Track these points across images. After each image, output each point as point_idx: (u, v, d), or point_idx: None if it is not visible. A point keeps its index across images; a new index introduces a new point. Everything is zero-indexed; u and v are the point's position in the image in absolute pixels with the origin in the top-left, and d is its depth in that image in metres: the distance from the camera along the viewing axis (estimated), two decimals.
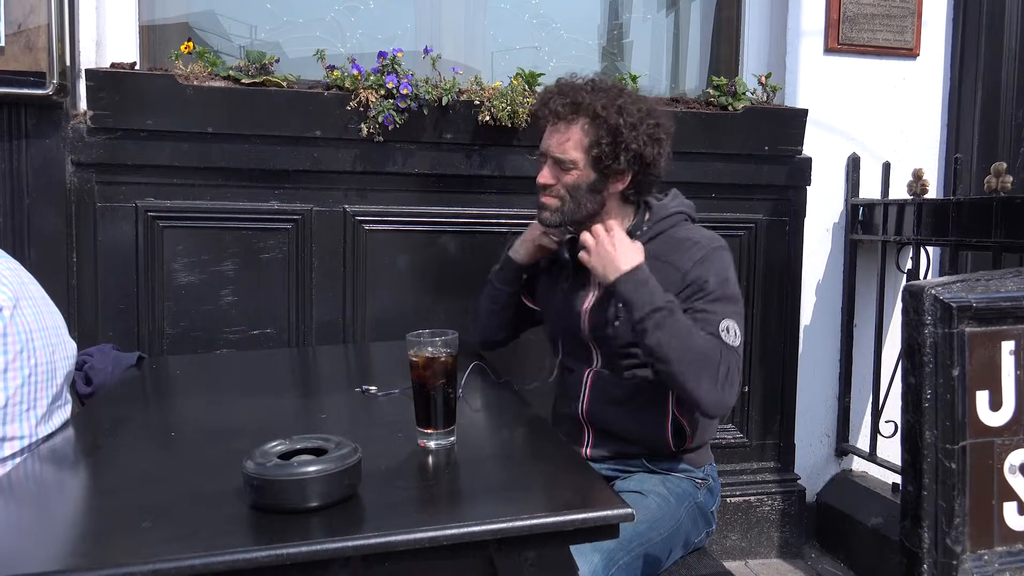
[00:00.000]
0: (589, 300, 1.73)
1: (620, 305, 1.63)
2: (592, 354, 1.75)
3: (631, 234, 1.68)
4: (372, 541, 0.92)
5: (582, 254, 1.64)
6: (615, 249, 1.59)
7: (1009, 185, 2.18)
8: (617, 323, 1.66)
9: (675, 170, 2.51)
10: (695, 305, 1.59)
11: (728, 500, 2.65)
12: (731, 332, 1.56)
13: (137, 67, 2.26)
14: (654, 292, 1.55)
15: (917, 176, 2.49)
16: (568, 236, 1.79)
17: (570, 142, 1.64)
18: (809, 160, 2.64)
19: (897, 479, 2.57)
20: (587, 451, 1.76)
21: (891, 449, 2.62)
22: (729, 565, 1.80)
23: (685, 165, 2.52)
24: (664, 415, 1.69)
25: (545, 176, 1.67)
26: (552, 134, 1.67)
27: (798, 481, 2.74)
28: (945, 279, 1.10)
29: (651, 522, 1.57)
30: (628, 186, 1.68)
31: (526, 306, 1.95)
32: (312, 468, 0.99)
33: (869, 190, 2.72)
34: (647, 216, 1.73)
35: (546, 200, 1.69)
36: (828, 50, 2.68)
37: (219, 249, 2.27)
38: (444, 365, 1.26)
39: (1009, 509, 1.07)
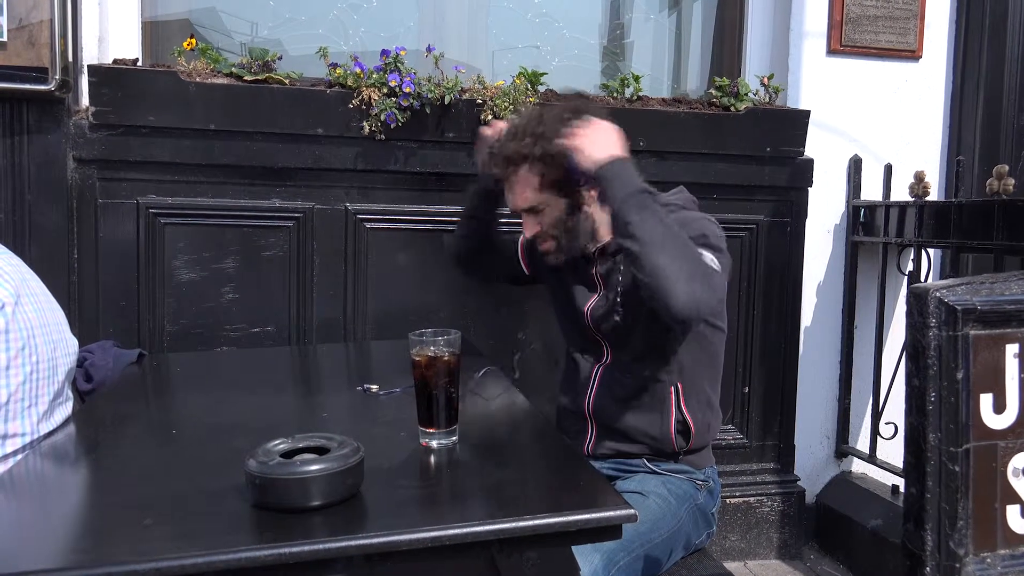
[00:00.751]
0: (592, 299, 1.75)
1: (620, 290, 1.67)
2: (603, 349, 1.76)
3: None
4: (374, 540, 0.92)
5: (570, 140, 1.58)
6: (610, 135, 1.59)
7: (1011, 187, 2.18)
8: (617, 317, 1.67)
9: (677, 170, 2.53)
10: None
11: (728, 501, 2.65)
12: (707, 258, 1.51)
13: (139, 63, 2.26)
14: (640, 179, 1.53)
15: (919, 178, 2.49)
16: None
17: (526, 191, 1.66)
18: (811, 161, 2.64)
19: (897, 481, 2.57)
20: (589, 447, 1.76)
21: (891, 451, 2.62)
22: (729, 566, 1.80)
23: (687, 166, 2.52)
24: (669, 414, 1.69)
25: (529, 228, 1.70)
26: (509, 192, 1.70)
27: (798, 482, 2.74)
28: (949, 281, 1.10)
29: (652, 523, 1.57)
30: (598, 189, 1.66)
31: (508, 253, 1.99)
32: (314, 467, 0.99)
33: (871, 192, 2.72)
34: None
35: (545, 246, 1.72)
36: (831, 51, 2.68)
37: (220, 246, 2.26)
38: (446, 364, 1.26)
39: (1012, 512, 1.07)
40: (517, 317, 2.48)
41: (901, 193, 2.63)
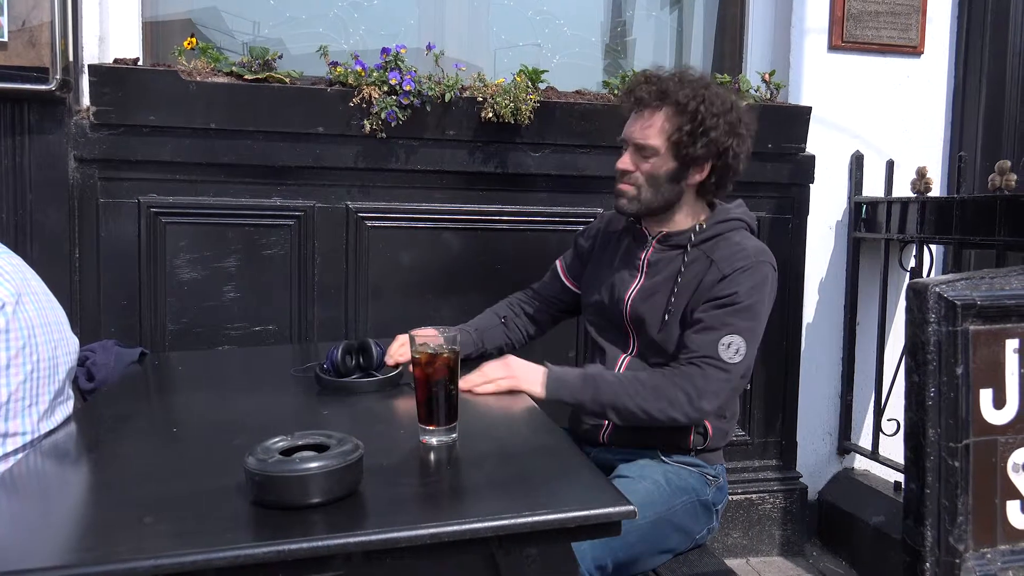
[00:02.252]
0: (634, 286, 1.74)
1: (672, 299, 1.67)
2: (630, 340, 1.75)
3: (691, 234, 1.71)
4: (374, 538, 0.92)
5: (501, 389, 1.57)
6: (521, 368, 1.60)
7: (1013, 183, 2.17)
8: (667, 317, 1.67)
9: None
10: (714, 312, 1.60)
11: (730, 498, 2.64)
12: (731, 348, 1.57)
13: (140, 63, 2.26)
14: (573, 384, 1.60)
15: (921, 174, 2.49)
16: (630, 221, 1.81)
17: (652, 128, 1.66)
18: (812, 158, 2.64)
19: (899, 477, 2.57)
20: (604, 435, 1.74)
21: (893, 447, 2.62)
22: (730, 563, 1.80)
23: None
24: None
25: (625, 162, 1.69)
26: (635, 121, 1.69)
27: (800, 479, 2.74)
28: (949, 277, 1.10)
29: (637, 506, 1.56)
30: (706, 178, 1.70)
31: (562, 297, 1.95)
32: (314, 464, 0.99)
33: (872, 188, 2.72)
34: (708, 220, 1.74)
35: (624, 187, 1.71)
36: (832, 47, 2.68)
37: (221, 245, 2.27)
38: (446, 362, 1.26)
39: (1012, 507, 1.07)
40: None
41: (903, 189, 2.62)
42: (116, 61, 2.22)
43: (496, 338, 1.91)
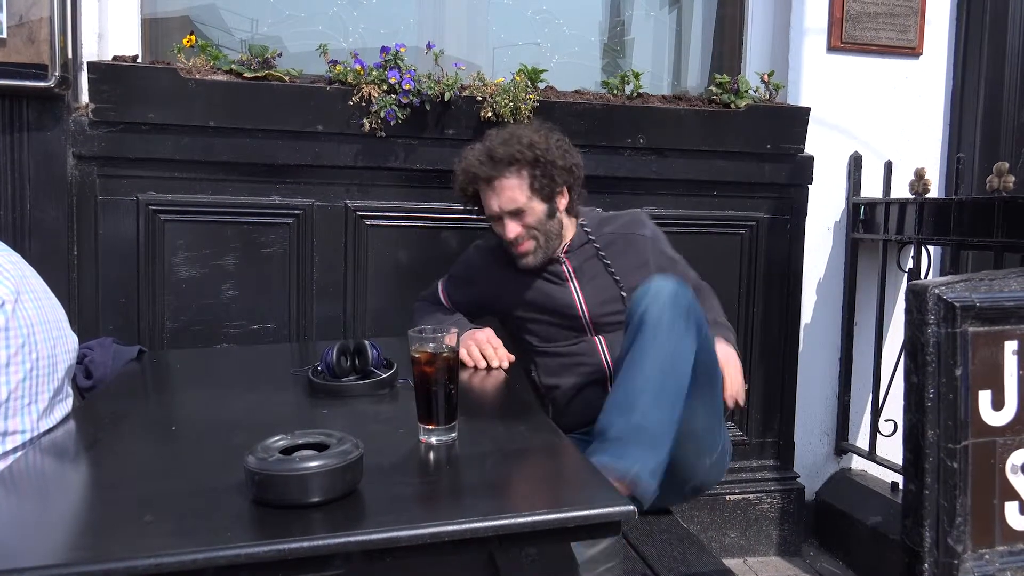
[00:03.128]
0: (575, 293, 1.95)
1: (619, 281, 1.95)
2: (597, 330, 1.95)
3: (579, 241, 1.97)
4: (374, 537, 0.92)
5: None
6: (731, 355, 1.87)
7: (1011, 185, 2.18)
8: (625, 294, 1.91)
9: (677, 168, 2.53)
10: (673, 267, 1.99)
11: (727, 498, 2.65)
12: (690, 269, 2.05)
13: (139, 60, 2.26)
14: (731, 338, 1.96)
15: (919, 175, 2.49)
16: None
17: (511, 192, 1.85)
18: (811, 158, 2.64)
19: (896, 478, 2.57)
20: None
21: (890, 448, 2.62)
22: (728, 563, 1.81)
23: (687, 163, 2.52)
24: None
25: (510, 230, 1.87)
26: (491, 197, 1.87)
27: (797, 479, 2.74)
28: (948, 279, 1.10)
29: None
30: (569, 197, 1.94)
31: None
32: (314, 463, 0.99)
33: (871, 189, 2.72)
34: (583, 221, 2.01)
35: (523, 248, 1.90)
36: (831, 48, 2.68)
37: (220, 243, 2.26)
38: (446, 361, 1.26)
39: (1010, 509, 1.07)
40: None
41: (901, 190, 2.63)
42: (115, 58, 2.22)
43: None
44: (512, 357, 1.82)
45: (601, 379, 1.93)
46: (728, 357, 1.84)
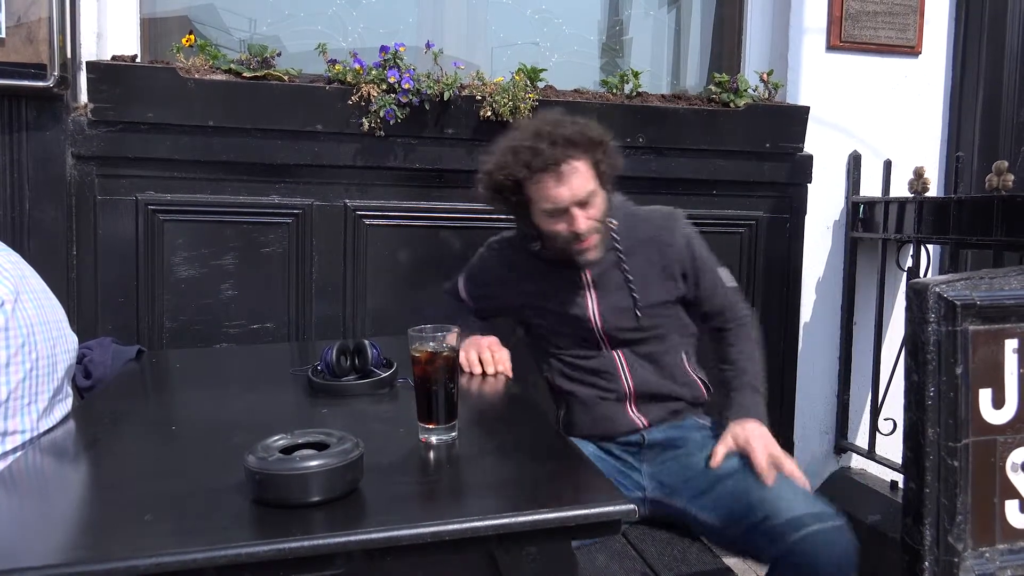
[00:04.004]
0: (593, 302, 1.81)
1: (635, 295, 1.79)
2: (612, 342, 1.83)
3: (605, 245, 1.77)
4: (374, 536, 0.92)
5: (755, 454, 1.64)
6: (757, 431, 1.69)
7: (1010, 183, 2.18)
8: (639, 313, 1.79)
9: (676, 167, 2.53)
10: (704, 277, 1.82)
11: None
12: (727, 276, 1.87)
13: (138, 60, 2.26)
14: (762, 404, 1.77)
15: (918, 174, 2.49)
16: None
17: (581, 177, 1.67)
18: (810, 157, 2.64)
19: (896, 476, 2.57)
20: (642, 422, 1.81)
21: (890, 446, 2.62)
22: (728, 561, 1.81)
23: (686, 162, 2.52)
24: (689, 374, 1.85)
25: (580, 221, 1.68)
26: (559, 183, 1.66)
27: None
28: (949, 277, 1.10)
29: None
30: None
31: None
32: (314, 463, 0.99)
33: (870, 188, 2.72)
34: (611, 219, 1.81)
35: (592, 241, 1.72)
36: (830, 47, 2.68)
37: (219, 243, 2.26)
38: (446, 361, 1.26)
39: (1011, 507, 1.07)
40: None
41: (900, 189, 2.63)
42: (114, 58, 2.21)
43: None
44: (510, 372, 1.75)
45: (620, 396, 1.82)
46: (751, 435, 1.66)
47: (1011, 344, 1.07)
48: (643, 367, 1.82)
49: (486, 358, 1.75)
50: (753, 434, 1.65)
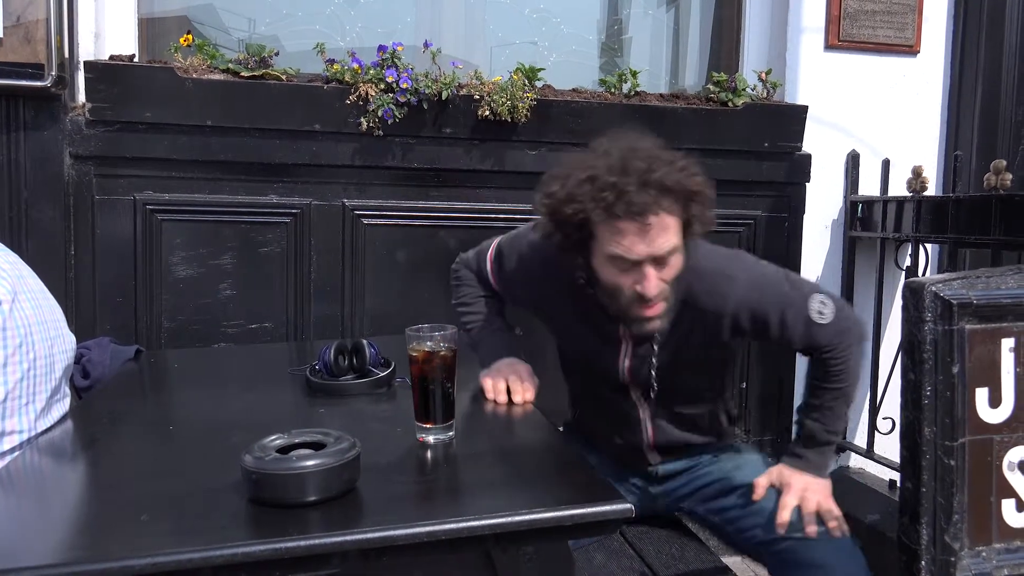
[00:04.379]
0: (625, 355, 1.61)
1: (667, 354, 1.58)
2: (643, 394, 1.66)
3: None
4: (371, 536, 0.92)
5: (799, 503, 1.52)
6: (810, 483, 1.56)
7: (1008, 183, 2.17)
8: (675, 380, 1.60)
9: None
10: (772, 330, 1.53)
11: None
12: (822, 305, 1.50)
13: (136, 60, 2.26)
14: (829, 456, 1.61)
15: (916, 173, 2.49)
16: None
17: (668, 231, 1.40)
18: (809, 157, 2.64)
19: (894, 476, 2.57)
20: (656, 459, 1.73)
21: (888, 446, 2.62)
22: (727, 560, 1.81)
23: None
24: (722, 418, 1.76)
25: (654, 281, 1.41)
26: (641, 236, 1.38)
27: None
28: (945, 276, 1.10)
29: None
30: None
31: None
32: (311, 462, 0.99)
33: (868, 187, 2.72)
34: None
35: (657, 309, 1.45)
36: (829, 46, 2.68)
37: (217, 243, 2.26)
38: (443, 360, 1.26)
39: (1007, 506, 1.07)
40: (515, 313, 2.47)
41: (899, 188, 2.62)
42: (112, 58, 2.21)
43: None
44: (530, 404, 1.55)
45: (637, 444, 1.70)
46: (796, 483, 1.53)
47: (1007, 343, 1.07)
48: (668, 422, 1.69)
49: (515, 387, 1.55)
50: (798, 484, 1.53)
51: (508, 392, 1.56)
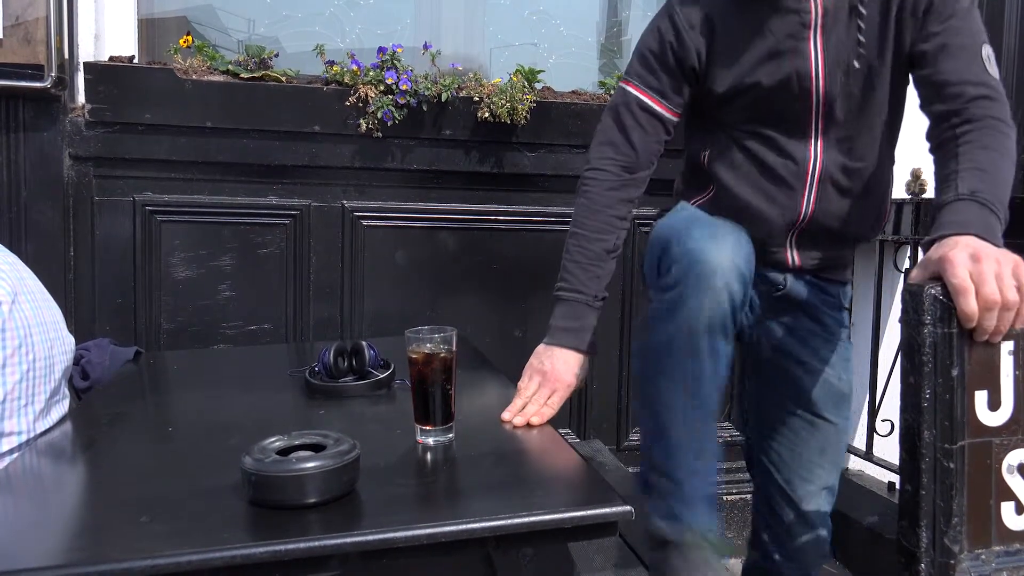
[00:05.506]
0: (813, 49, 1.35)
1: (861, 39, 1.34)
2: (819, 127, 1.40)
3: None
4: (370, 538, 0.92)
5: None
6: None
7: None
8: (857, 63, 1.33)
9: (674, 167, 2.52)
10: (950, 24, 1.30)
11: (725, 498, 2.65)
12: (991, 62, 1.30)
13: (135, 61, 2.26)
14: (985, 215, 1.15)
15: (915, 175, 2.49)
16: None
17: None
18: None
19: (893, 478, 2.57)
20: (794, 259, 1.50)
21: (887, 448, 2.62)
22: (727, 561, 1.81)
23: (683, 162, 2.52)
24: (884, 201, 1.58)
25: None
26: None
27: None
28: None
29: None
30: None
31: (663, 139, 1.59)
32: (310, 464, 0.99)
33: None
34: None
35: None
36: None
37: (217, 244, 2.26)
38: (443, 361, 1.26)
39: (1007, 509, 1.07)
40: (515, 315, 2.48)
41: (898, 190, 2.62)
42: (111, 59, 2.21)
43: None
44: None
45: (791, 216, 1.44)
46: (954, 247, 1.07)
47: (1007, 346, 1.07)
48: (836, 175, 1.44)
49: (538, 399, 1.41)
50: (957, 245, 1.06)
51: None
